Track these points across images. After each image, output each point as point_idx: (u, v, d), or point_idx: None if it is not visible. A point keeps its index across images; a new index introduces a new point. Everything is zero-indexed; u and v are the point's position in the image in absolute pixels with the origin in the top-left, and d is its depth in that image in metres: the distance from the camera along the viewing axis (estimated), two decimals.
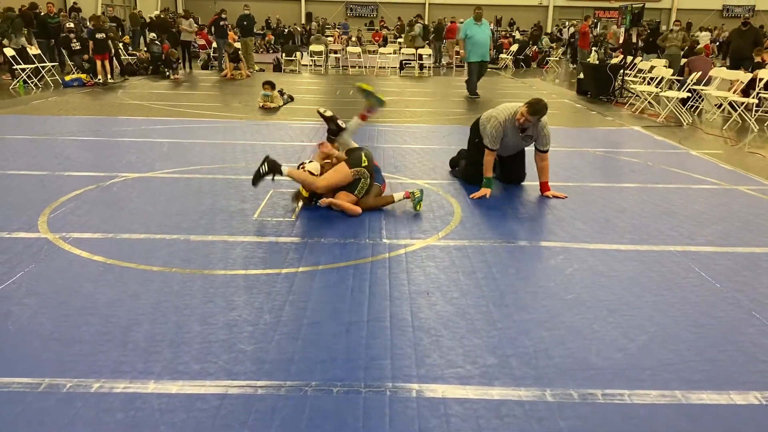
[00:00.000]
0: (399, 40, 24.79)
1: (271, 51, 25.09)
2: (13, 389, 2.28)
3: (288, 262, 3.55)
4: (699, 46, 14.50)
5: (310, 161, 4.67)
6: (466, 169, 5.43)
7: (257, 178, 4.39)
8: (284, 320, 2.86)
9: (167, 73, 14.60)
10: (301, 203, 4.56)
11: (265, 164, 4.36)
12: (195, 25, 17.85)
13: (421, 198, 4.52)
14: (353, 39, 23.52)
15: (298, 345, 2.64)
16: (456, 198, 4.94)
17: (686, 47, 13.33)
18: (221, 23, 16.25)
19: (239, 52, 15.38)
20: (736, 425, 2.21)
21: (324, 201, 4.44)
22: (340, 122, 4.79)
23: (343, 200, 4.40)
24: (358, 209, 4.39)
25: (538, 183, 5.19)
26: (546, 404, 2.28)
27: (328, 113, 4.80)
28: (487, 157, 5.00)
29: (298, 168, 4.58)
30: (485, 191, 4.93)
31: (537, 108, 4.80)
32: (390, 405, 2.25)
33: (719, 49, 25.11)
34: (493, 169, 5.16)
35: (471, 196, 4.95)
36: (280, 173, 4.36)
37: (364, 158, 4.43)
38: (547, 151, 5.06)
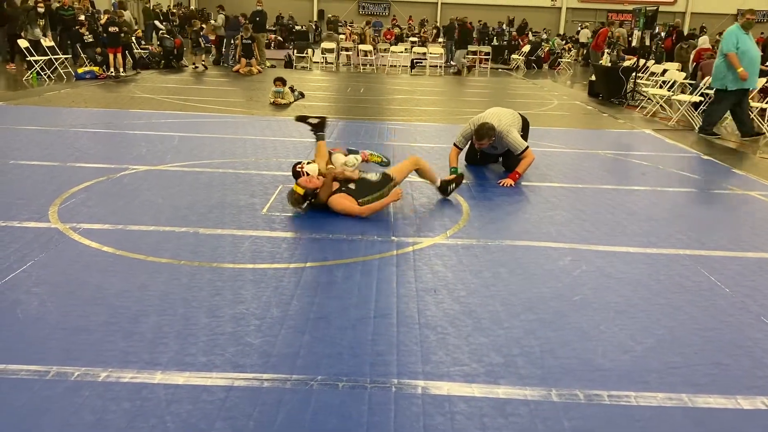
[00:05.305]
0: (411, 38, 24.76)
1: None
2: (21, 376, 2.30)
3: (296, 257, 3.56)
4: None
5: (308, 162, 4.59)
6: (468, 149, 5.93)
7: (302, 119, 5.19)
8: (291, 314, 2.86)
9: (183, 66, 14.72)
10: (300, 204, 4.31)
11: (317, 122, 5.10)
12: (167, 23, 17.99)
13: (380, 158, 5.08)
14: (368, 36, 23.39)
15: (305, 339, 2.65)
16: (464, 197, 4.94)
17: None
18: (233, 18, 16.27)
19: (252, 46, 15.40)
20: (742, 430, 2.19)
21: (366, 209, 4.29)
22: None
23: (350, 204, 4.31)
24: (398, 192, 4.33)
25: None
26: (551, 404, 2.27)
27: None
28: (452, 151, 5.61)
29: (297, 166, 4.53)
30: (452, 177, 5.23)
31: (481, 134, 5.38)
32: (395, 401, 2.25)
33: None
34: (496, 160, 6.08)
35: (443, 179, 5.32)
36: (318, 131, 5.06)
37: (371, 179, 4.51)
38: (522, 152, 5.43)
